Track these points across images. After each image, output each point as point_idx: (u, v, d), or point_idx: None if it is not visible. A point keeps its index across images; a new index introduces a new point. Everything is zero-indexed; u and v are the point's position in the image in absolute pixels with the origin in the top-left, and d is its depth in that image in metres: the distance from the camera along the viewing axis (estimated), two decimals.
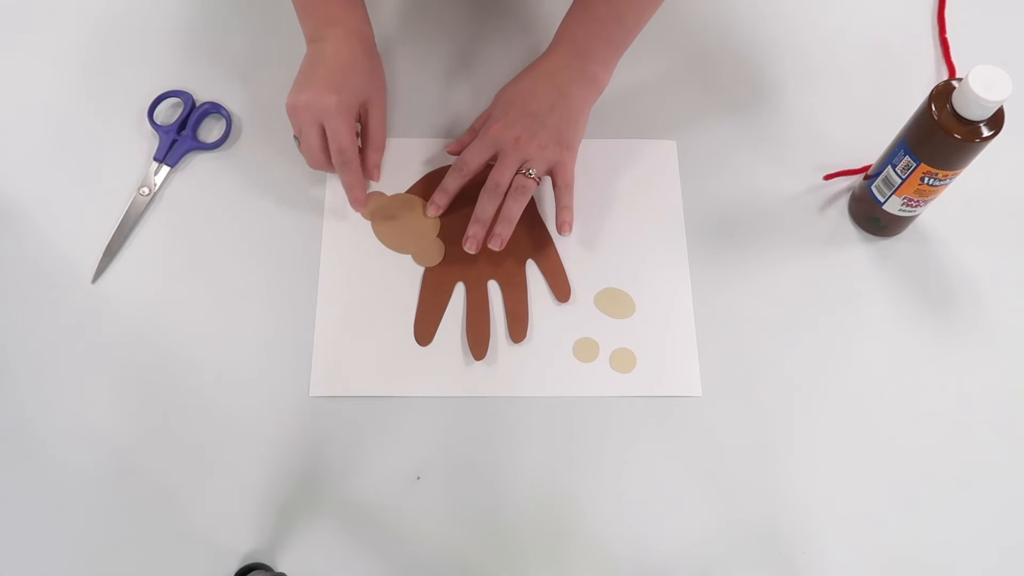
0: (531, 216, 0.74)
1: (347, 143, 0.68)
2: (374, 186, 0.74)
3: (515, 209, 0.69)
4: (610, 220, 0.73)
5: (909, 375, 0.69)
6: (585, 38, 0.71)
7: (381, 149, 0.73)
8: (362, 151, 0.72)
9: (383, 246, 0.72)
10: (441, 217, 0.73)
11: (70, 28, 0.80)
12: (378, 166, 0.72)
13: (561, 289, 0.71)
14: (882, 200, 0.70)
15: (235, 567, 0.62)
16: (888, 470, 0.66)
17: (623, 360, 0.69)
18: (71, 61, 0.79)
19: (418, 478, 0.65)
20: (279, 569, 0.63)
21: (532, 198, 0.74)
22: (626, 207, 0.74)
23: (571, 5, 0.72)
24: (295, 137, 0.70)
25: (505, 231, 0.69)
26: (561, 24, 0.72)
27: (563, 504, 0.65)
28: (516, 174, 0.69)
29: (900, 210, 0.70)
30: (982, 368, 0.70)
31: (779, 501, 0.65)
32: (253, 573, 0.61)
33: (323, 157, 0.70)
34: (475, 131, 0.73)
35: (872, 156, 0.72)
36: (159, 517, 0.64)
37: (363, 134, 0.72)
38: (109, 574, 0.63)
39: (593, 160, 0.75)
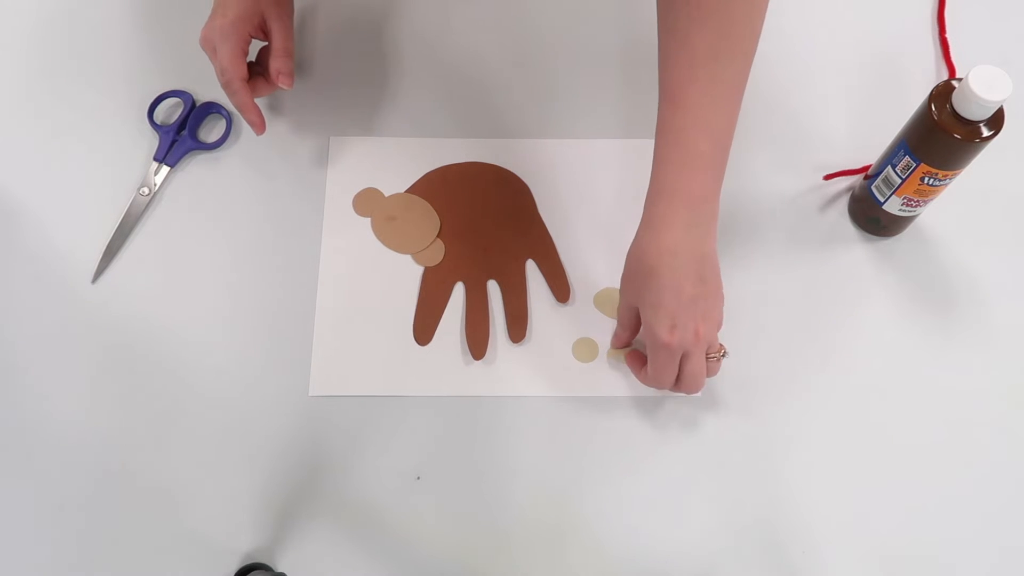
0: (531, 216, 0.74)
1: (227, 63, 0.67)
2: (376, 184, 0.74)
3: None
4: (609, 220, 0.73)
5: (909, 375, 0.69)
6: (697, 181, 0.61)
7: (285, 55, 0.70)
8: (269, 61, 0.71)
9: (382, 246, 0.72)
10: (441, 216, 0.73)
11: (70, 28, 0.80)
12: (283, 72, 0.70)
13: (561, 289, 0.71)
14: (882, 200, 0.70)
15: (235, 567, 0.62)
16: (888, 470, 0.66)
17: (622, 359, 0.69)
18: (71, 61, 0.79)
19: (418, 478, 0.65)
20: (279, 569, 0.63)
21: (533, 198, 0.74)
22: (625, 207, 0.74)
23: (660, 141, 0.61)
24: None
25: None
26: (659, 169, 0.61)
27: (562, 504, 0.65)
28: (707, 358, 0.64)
29: (900, 210, 0.70)
30: (982, 368, 0.70)
31: (779, 501, 0.65)
32: (253, 573, 0.61)
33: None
34: (625, 325, 0.66)
35: (872, 156, 0.72)
36: (159, 517, 0.64)
37: (270, 46, 0.71)
38: (109, 574, 0.63)
39: (592, 160, 0.76)
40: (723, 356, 0.65)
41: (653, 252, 0.61)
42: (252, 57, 0.73)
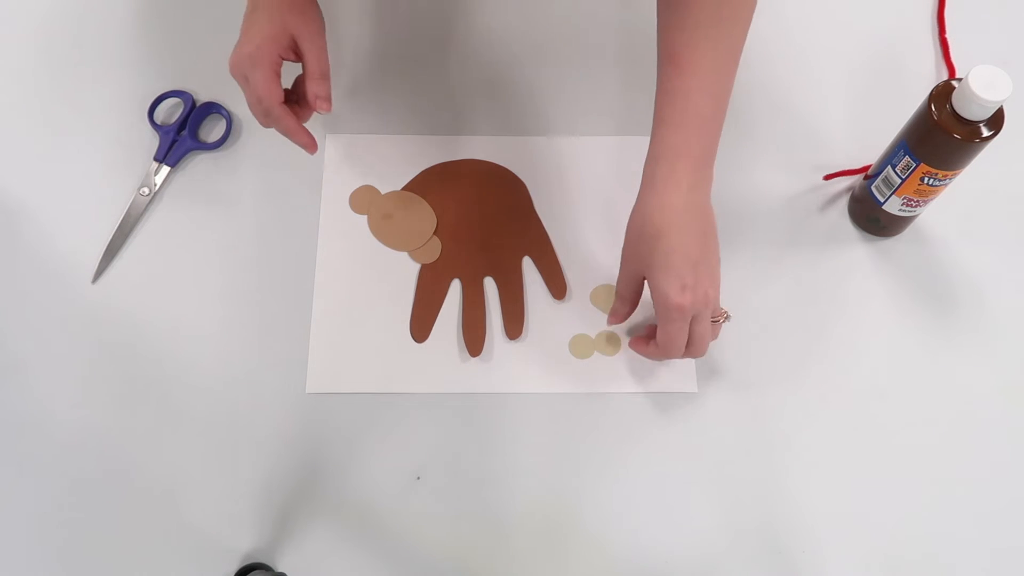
0: (527, 214, 0.74)
1: (262, 91, 0.64)
2: (372, 182, 0.74)
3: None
4: (607, 217, 0.73)
5: (909, 375, 0.69)
6: (699, 142, 0.61)
7: (321, 78, 0.66)
8: (305, 86, 0.67)
9: (379, 243, 0.72)
10: (437, 213, 0.73)
11: (70, 27, 0.80)
12: (321, 96, 0.66)
13: (557, 286, 0.71)
14: (882, 200, 0.70)
15: (235, 567, 0.62)
16: (888, 469, 0.66)
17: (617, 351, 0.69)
18: (72, 60, 0.79)
19: (418, 478, 0.65)
20: (279, 569, 0.63)
21: (529, 195, 0.74)
22: (624, 204, 0.74)
23: (661, 103, 0.61)
24: None
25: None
26: (660, 130, 0.61)
27: (560, 501, 0.65)
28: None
29: (900, 210, 0.70)
30: (982, 368, 0.69)
31: (778, 500, 0.65)
32: (253, 573, 0.61)
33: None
34: (624, 298, 0.66)
35: (872, 156, 0.72)
36: (159, 517, 0.64)
37: (303, 69, 0.68)
38: (109, 574, 0.63)
39: (589, 157, 0.76)
40: (726, 320, 0.64)
41: (659, 214, 0.60)
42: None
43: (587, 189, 0.74)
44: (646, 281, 0.63)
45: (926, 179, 0.66)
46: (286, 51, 0.65)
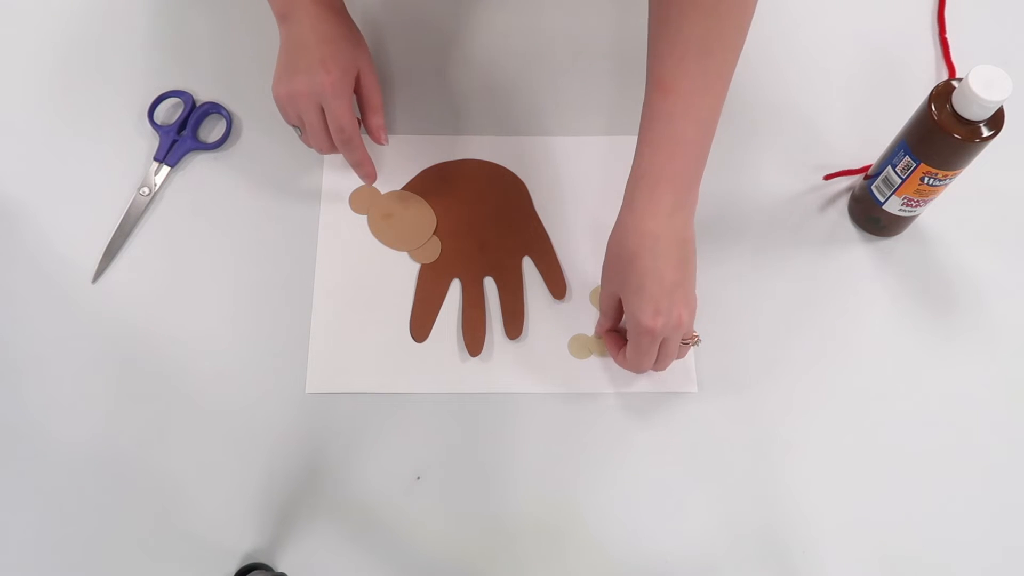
0: (527, 213, 0.74)
1: (346, 121, 0.67)
2: (374, 181, 0.74)
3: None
4: (606, 217, 0.73)
5: (908, 375, 0.69)
6: (682, 167, 0.61)
7: (380, 111, 0.71)
8: (363, 119, 0.71)
9: (379, 243, 0.72)
10: (437, 213, 0.73)
11: (70, 27, 0.80)
12: (382, 127, 0.71)
13: (557, 286, 0.71)
14: (882, 200, 0.70)
15: (235, 567, 0.62)
16: (888, 470, 0.66)
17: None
18: (71, 60, 0.79)
19: (418, 478, 0.65)
20: (279, 569, 0.63)
21: (529, 195, 0.74)
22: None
23: (644, 126, 0.61)
24: (294, 127, 0.70)
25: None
26: (642, 153, 0.61)
27: (560, 501, 0.65)
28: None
29: (900, 210, 0.70)
30: (982, 368, 0.69)
31: (778, 500, 0.65)
32: (253, 573, 0.61)
33: (331, 141, 0.69)
34: (607, 314, 0.67)
35: (872, 156, 0.72)
36: (159, 517, 0.64)
37: (359, 102, 0.71)
38: (109, 574, 0.63)
39: (589, 157, 0.76)
40: (696, 343, 0.65)
41: (635, 237, 0.61)
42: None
43: (587, 189, 0.75)
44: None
45: (926, 179, 0.66)
46: (353, 84, 0.68)
